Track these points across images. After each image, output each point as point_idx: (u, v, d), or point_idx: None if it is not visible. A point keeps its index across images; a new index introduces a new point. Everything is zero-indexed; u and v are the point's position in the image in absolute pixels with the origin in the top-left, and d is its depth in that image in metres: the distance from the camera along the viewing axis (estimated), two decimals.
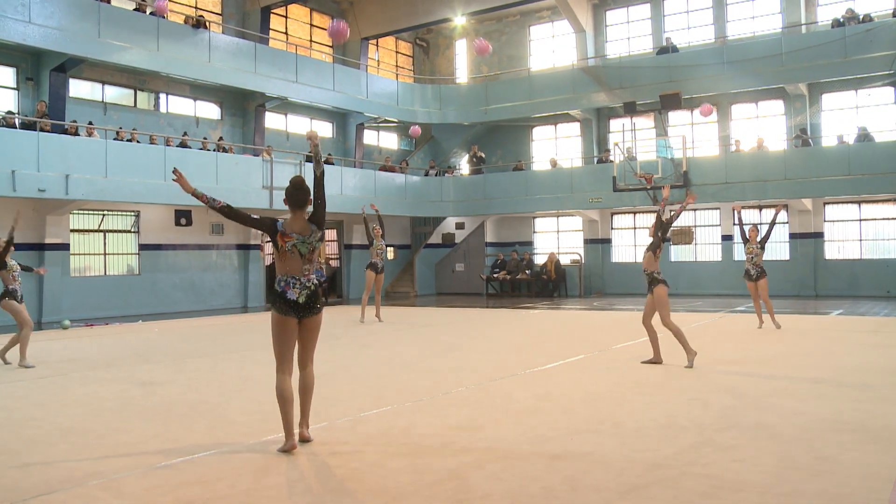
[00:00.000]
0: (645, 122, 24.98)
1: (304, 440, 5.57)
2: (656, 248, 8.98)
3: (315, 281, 5.59)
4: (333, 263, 26.03)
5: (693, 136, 24.07)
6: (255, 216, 5.56)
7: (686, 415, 6.28)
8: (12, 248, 9.82)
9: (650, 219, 24.34)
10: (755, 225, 13.45)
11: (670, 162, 21.74)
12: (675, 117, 24.64)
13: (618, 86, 23.69)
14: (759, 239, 13.02)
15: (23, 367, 9.67)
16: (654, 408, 6.59)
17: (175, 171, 5.57)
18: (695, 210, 23.44)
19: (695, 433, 5.65)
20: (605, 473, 4.72)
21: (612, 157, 23.11)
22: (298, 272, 5.51)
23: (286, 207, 5.54)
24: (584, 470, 4.81)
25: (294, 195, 5.51)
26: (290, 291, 5.47)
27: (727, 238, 22.98)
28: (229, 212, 5.48)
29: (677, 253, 23.94)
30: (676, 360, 9.21)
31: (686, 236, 23.42)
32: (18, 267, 10.12)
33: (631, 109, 23.14)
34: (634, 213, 24.60)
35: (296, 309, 5.48)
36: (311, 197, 5.53)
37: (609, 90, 23.86)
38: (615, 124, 25.69)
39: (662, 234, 9.04)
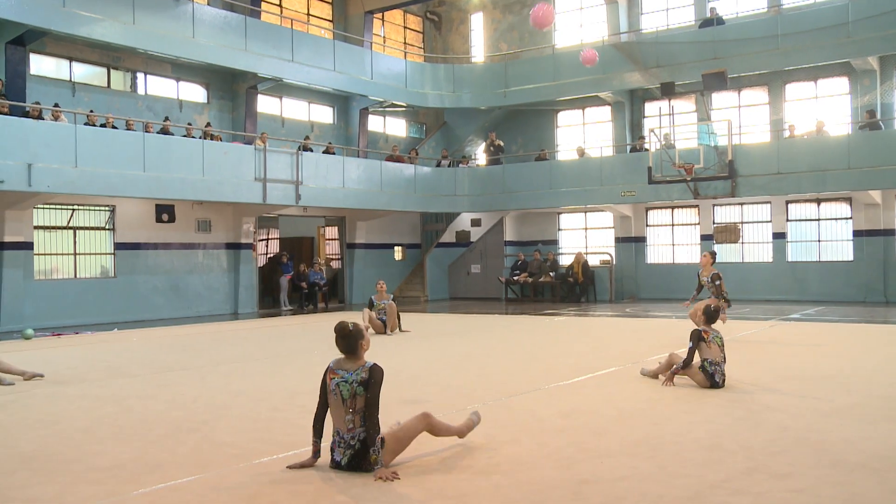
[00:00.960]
0: (685, 105, 24.85)
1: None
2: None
3: (360, 437, 5.31)
4: (334, 265, 26.06)
5: (740, 120, 23.94)
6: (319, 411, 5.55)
7: (733, 436, 6.21)
8: None
9: (689, 214, 24.26)
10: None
11: (713, 150, 21.60)
12: (720, 99, 24.51)
13: (654, 64, 23.58)
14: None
15: None
16: (697, 428, 6.53)
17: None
18: (741, 205, 23.32)
19: (743, 457, 5.58)
20: (641, 501, 4.66)
21: (647, 145, 23.00)
22: (342, 425, 5.36)
23: (280, 204, 5.62)
24: (616, 497, 4.75)
25: (339, 344, 5.54)
26: (336, 451, 5.39)
27: (779, 236, 22.83)
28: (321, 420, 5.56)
29: (722, 253, 23.76)
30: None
31: (731, 234, 23.26)
32: None
33: (669, 91, 23.01)
34: (672, 208, 24.49)
35: (340, 469, 5.38)
36: (363, 342, 5.51)
37: (644, 69, 23.75)
38: (651, 108, 25.56)
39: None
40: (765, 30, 22.08)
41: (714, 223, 23.79)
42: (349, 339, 5.45)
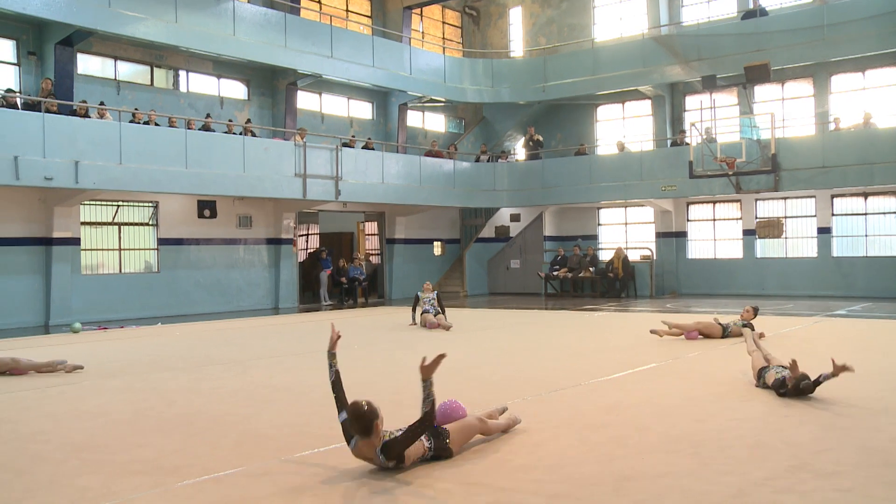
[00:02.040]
0: (727, 99, 24.55)
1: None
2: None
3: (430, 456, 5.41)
4: (374, 260, 26.16)
5: (783, 113, 23.57)
6: (344, 418, 5.40)
7: (778, 433, 6.12)
8: None
9: (731, 209, 23.97)
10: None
11: (756, 143, 21.30)
12: (763, 92, 24.16)
13: (695, 57, 23.31)
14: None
15: None
16: (740, 425, 6.44)
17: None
18: (784, 199, 22.97)
19: (788, 455, 5.50)
20: (683, 498, 4.62)
21: (688, 139, 22.76)
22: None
23: (320, 199, 5.52)
24: (657, 494, 4.71)
25: (353, 426, 5.26)
26: None
27: (824, 231, 22.45)
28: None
29: (765, 248, 23.50)
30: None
31: (775, 229, 22.96)
32: None
33: (710, 84, 22.74)
34: (714, 202, 24.21)
35: None
36: (378, 421, 5.23)
37: (685, 62, 23.49)
38: (692, 101, 25.30)
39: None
40: (810, 20, 21.67)
41: (756, 218, 23.48)
42: (360, 422, 5.20)
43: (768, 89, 23.98)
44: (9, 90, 16.93)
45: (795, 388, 7.31)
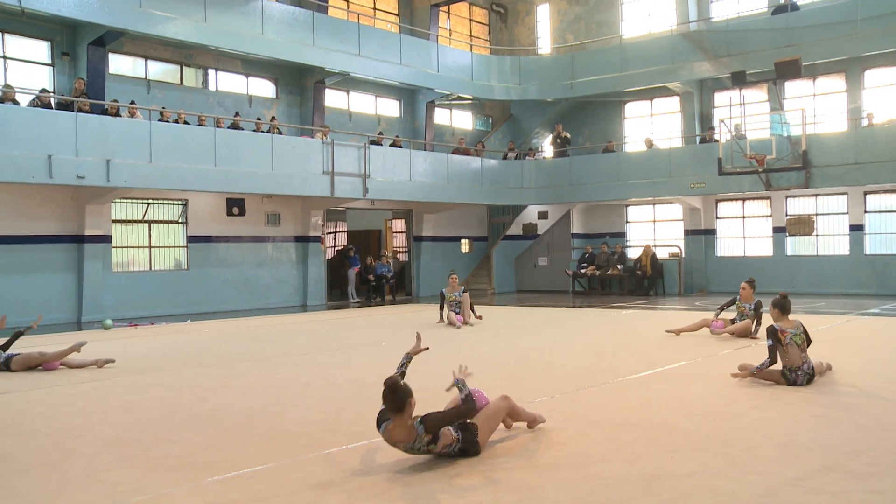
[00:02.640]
0: (756, 95, 24.30)
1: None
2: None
3: (457, 449, 5.50)
4: (401, 257, 26.22)
5: (815, 109, 23.29)
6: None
7: (808, 434, 6.06)
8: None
9: (761, 206, 23.76)
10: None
11: (786, 140, 21.09)
12: (794, 88, 23.89)
13: (725, 53, 23.12)
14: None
15: None
16: (770, 424, 6.40)
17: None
18: (816, 196, 22.72)
19: (820, 455, 5.45)
20: (712, 498, 4.60)
21: (717, 136, 22.58)
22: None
23: (348, 197, 5.65)
24: (686, 493, 4.69)
25: (388, 400, 5.38)
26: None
27: (856, 228, 22.17)
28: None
29: (795, 246, 23.25)
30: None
31: (805, 226, 22.72)
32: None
33: (740, 80, 22.51)
34: (743, 199, 24.00)
35: None
36: (412, 400, 5.37)
37: (714, 58, 23.31)
38: (721, 98, 25.06)
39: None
40: (843, 14, 21.36)
41: (787, 215, 23.24)
42: (395, 396, 5.32)
43: (799, 85, 23.70)
44: (43, 90, 17.18)
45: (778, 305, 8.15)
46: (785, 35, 22.04)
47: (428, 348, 6.35)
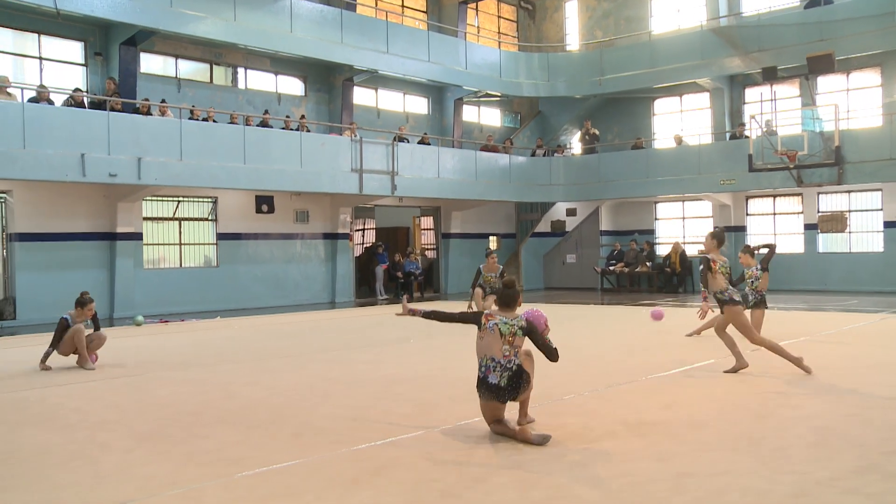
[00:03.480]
0: (788, 90, 24.07)
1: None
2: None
3: (517, 363, 6.03)
4: (430, 254, 26.26)
5: (848, 104, 23.00)
6: (459, 313, 6.48)
7: (842, 433, 5.99)
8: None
9: (792, 203, 23.51)
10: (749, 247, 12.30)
11: (818, 136, 20.84)
12: (826, 83, 23.60)
13: (756, 48, 22.88)
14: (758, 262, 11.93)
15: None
16: (802, 423, 6.33)
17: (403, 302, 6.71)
18: (849, 192, 22.44)
19: (854, 455, 5.39)
20: (742, 497, 4.56)
21: (747, 132, 22.36)
22: (499, 353, 5.99)
23: (376, 194, 5.88)
24: (716, 491, 4.66)
25: (503, 294, 6.32)
26: (492, 375, 5.97)
27: (890, 225, 21.85)
28: (436, 316, 6.48)
29: (827, 243, 22.98)
30: (824, 367, 8.83)
31: (838, 223, 22.44)
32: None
33: (771, 76, 22.30)
34: (774, 196, 23.76)
35: (497, 393, 5.96)
36: (521, 298, 6.42)
37: (745, 54, 23.08)
38: (752, 94, 24.85)
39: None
40: (878, 7, 21.00)
41: (819, 212, 22.97)
42: (511, 292, 6.29)
43: (832, 80, 23.41)
44: (77, 90, 17.41)
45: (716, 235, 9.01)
46: (818, 29, 21.77)
47: (413, 312, 6.68)
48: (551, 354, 6.26)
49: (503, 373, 5.94)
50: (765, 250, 12.23)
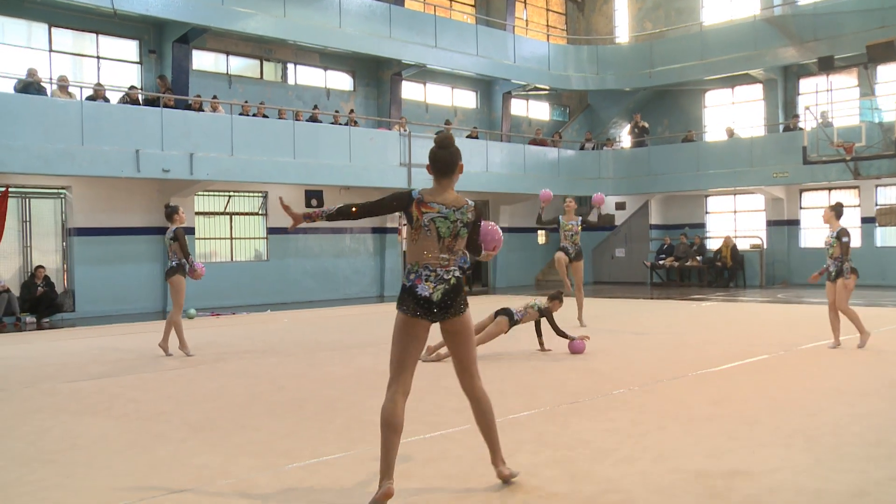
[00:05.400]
0: (845, 81, 23.54)
1: (506, 480, 4.78)
2: None
3: (457, 274, 4.80)
4: None
5: None
6: (381, 198, 4.84)
7: None
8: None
9: (848, 196, 23.01)
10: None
11: (877, 127, 20.34)
12: (887, 72, 23.02)
13: (811, 38, 22.43)
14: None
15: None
16: (858, 421, 6.20)
17: (281, 203, 5.08)
18: None
19: None
20: (797, 496, 4.49)
21: (801, 124, 21.94)
22: (434, 260, 4.70)
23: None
24: (769, 489, 4.59)
25: (437, 158, 4.91)
26: (422, 285, 4.65)
27: None
28: (352, 212, 4.80)
29: (886, 236, 22.46)
30: (880, 365, 8.64)
31: None
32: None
33: (827, 66, 21.81)
34: (829, 189, 23.28)
35: (428, 308, 4.64)
36: (462, 162, 4.92)
37: (800, 44, 22.63)
38: (806, 84, 24.36)
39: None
40: None
41: (877, 205, 22.45)
42: (449, 153, 4.92)
43: (893, 69, 22.84)
44: (132, 87, 17.75)
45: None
46: (878, 16, 21.23)
47: (311, 217, 4.85)
48: (476, 251, 5.07)
49: (437, 284, 4.65)
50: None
